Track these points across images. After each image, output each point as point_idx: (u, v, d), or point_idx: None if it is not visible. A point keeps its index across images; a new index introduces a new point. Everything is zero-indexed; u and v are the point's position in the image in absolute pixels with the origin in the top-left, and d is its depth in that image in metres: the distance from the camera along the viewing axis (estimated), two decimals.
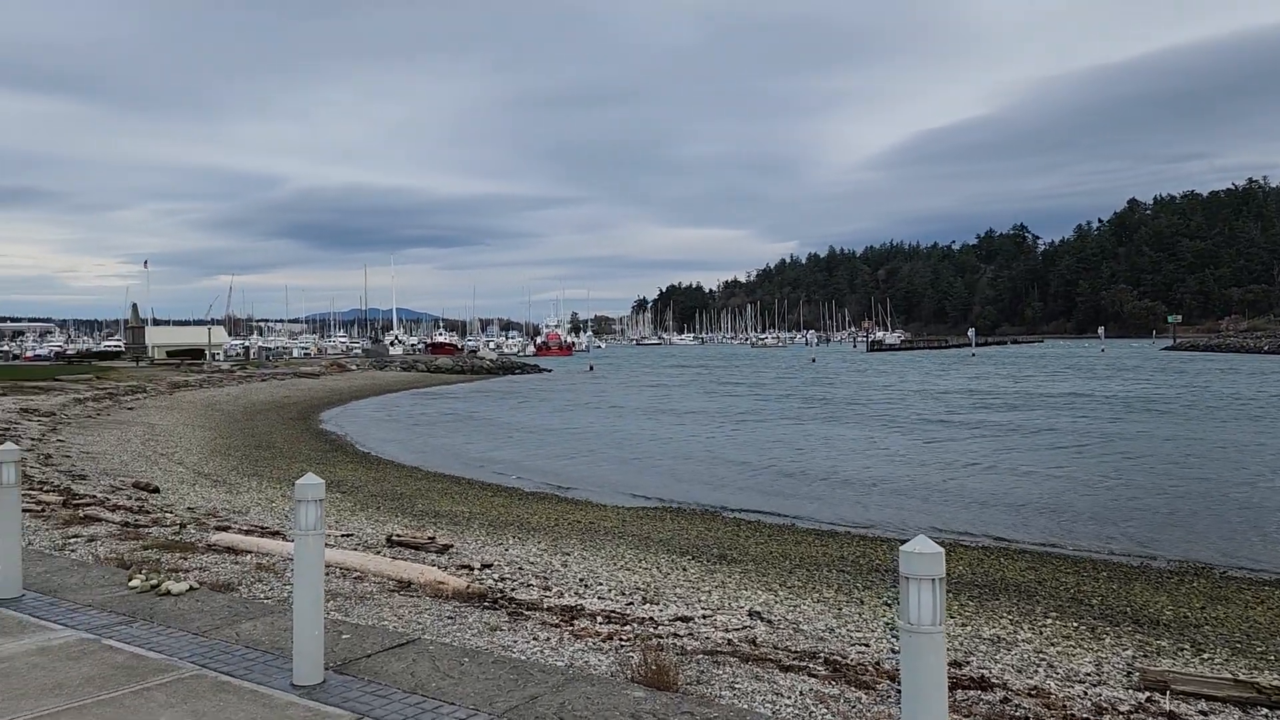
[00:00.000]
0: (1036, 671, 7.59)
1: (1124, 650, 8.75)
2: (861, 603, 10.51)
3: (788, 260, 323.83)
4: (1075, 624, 9.85)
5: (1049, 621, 9.92)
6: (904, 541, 3.35)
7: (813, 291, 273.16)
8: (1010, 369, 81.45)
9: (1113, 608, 10.74)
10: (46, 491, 14.52)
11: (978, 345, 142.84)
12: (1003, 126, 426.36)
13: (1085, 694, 6.88)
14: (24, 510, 8.85)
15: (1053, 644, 8.86)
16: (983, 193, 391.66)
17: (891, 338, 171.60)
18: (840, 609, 10.06)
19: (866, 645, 8.11)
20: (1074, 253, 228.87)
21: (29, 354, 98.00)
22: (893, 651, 7.72)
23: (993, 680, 6.87)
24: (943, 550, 3.21)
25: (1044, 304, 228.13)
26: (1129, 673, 7.72)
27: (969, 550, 14.20)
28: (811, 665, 6.65)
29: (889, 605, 10.30)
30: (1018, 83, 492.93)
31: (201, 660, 5.34)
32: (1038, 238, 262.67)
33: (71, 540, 9.89)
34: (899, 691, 5.97)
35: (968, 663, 7.65)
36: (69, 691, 4.84)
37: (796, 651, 7.36)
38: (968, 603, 10.68)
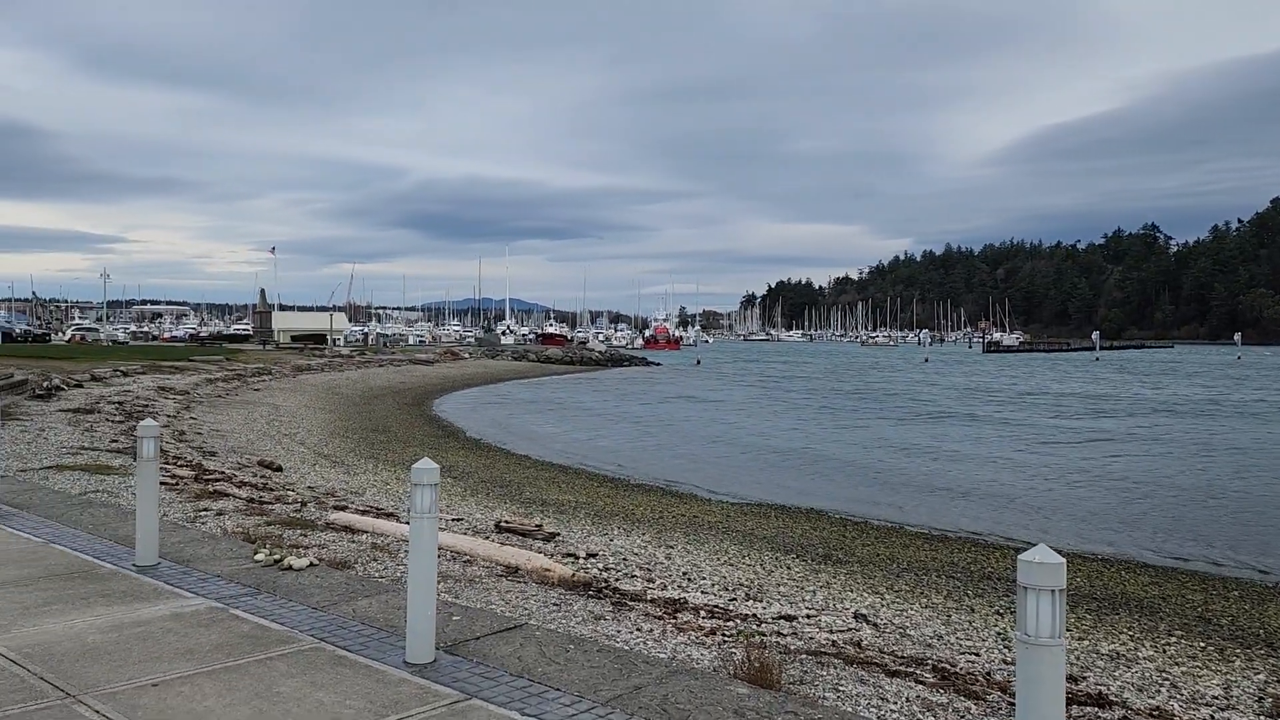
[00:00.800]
0: (1159, 691, 7.27)
1: (1255, 674, 8.29)
2: (972, 610, 10.23)
3: (901, 257, 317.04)
4: (1202, 644, 9.38)
5: (1173, 640, 9.47)
6: (1018, 549, 3.25)
7: (927, 290, 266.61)
8: (1136, 374, 77.99)
9: (1244, 629, 10.18)
10: (180, 466, 15.33)
11: (1102, 349, 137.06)
12: (1135, 121, 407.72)
13: (1211, 718, 6.56)
14: (160, 483, 9.35)
15: (1177, 664, 8.46)
16: (1111, 190, 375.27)
17: (1009, 339, 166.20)
18: (949, 616, 9.82)
19: (976, 654, 7.90)
20: (1210, 254, 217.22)
21: (166, 335, 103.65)
22: (1004, 662, 7.50)
23: (1111, 698, 6.61)
24: (1064, 560, 3.10)
25: (1175, 307, 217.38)
26: (1260, 698, 7.31)
27: (1087, 561, 13.67)
28: (919, 671, 6.51)
29: (1001, 614, 10.00)
30: (1152, 76, 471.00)
31: (320, 634, 5.55)
32: (1170, 238, 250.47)
33: (202, 513, 10.41)
34: (1011, 704, 5.79)
35: (1084, 678, 7.37)
36: (199, 657, 5.11)
37: (903, 657, 7.22)
38: (1085, 616, 10.29)
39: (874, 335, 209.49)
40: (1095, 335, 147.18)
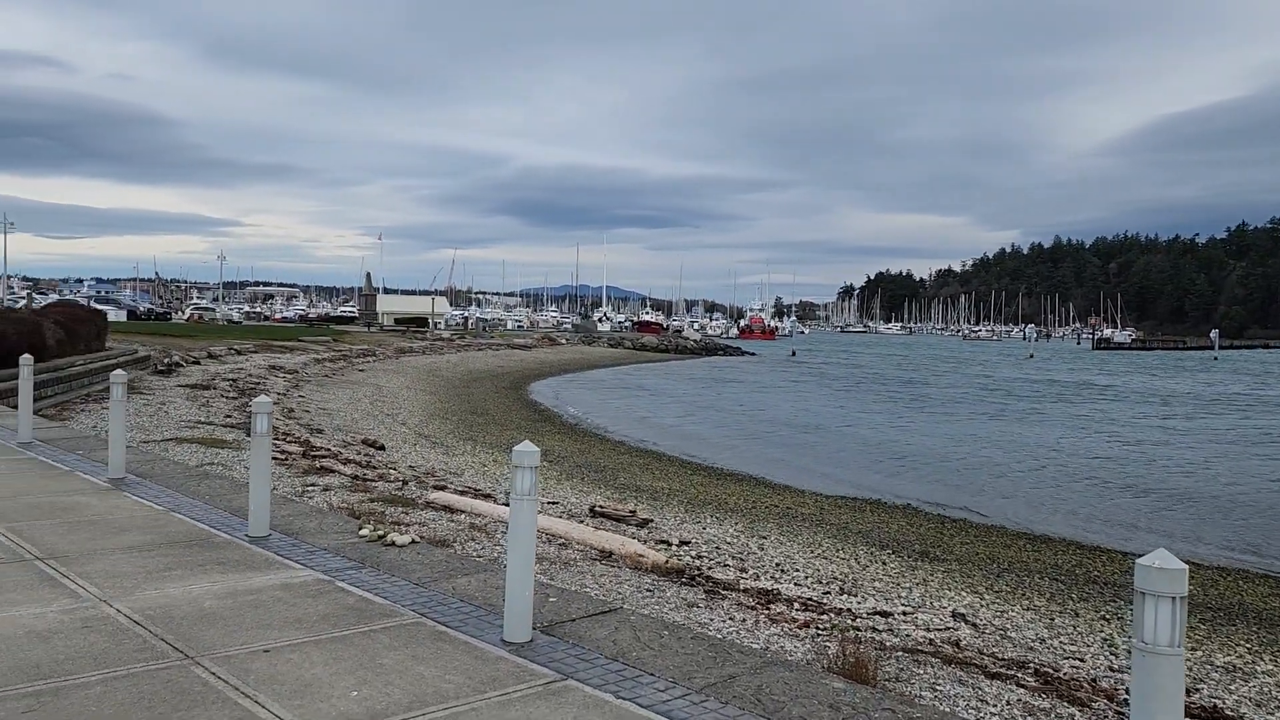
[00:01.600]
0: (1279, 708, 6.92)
1: None
2: (1076, 615, 9.91)
3: (1007, 250, 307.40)
4: None
5: None
6: (1125, 554, 3.13)
7: (1034, 284, 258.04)
8: (1256, 375, 74.18)
9: None
10: (289, 442, 15.89)
11: (1222, 348, 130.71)
12: (1261, 109, 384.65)
13: None
14: (270, 458, 9.70)
15: None
16: (1235, 182, 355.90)
17: (1121, 336, 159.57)
18: (1052, 619, 9.53)
19: (1081, 660, 7.65)
20: None
21: (277, 315, 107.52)
22: (1111, 670, 7.25)
23: (1227, 712, 6.33)
24: (1185, 567, 2.97)
25: None
26: None
27: (1201, 569, 13.08)
28: (1020, 675, 6.34)
29: (1107, 620, 9.66)
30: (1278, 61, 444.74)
31: (421, 609, 5.69)
32: None
33: (309, 488, 10.78)
34: (1119, 713, 5.60)
35: (1197, 690, 7.07)
36: (307, 626, 5.29)
37: (1004, 659, 7.04)
38: (1198, 626, 9.86)
39: (976, 329, 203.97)
40: (1214, 334, 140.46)
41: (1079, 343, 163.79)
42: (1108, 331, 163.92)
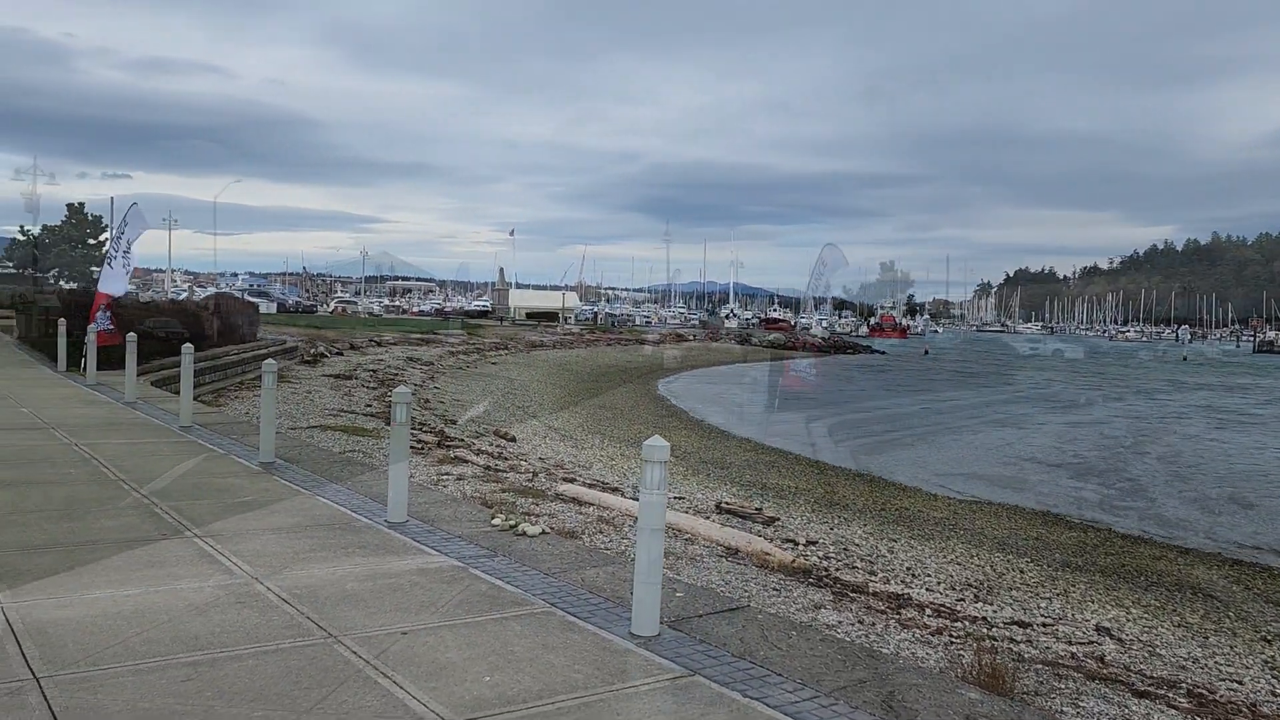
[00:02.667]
0: None
1: None
2: (1234, 634, 9.32)
3: (1160, 247, 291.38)
4: None
5: None
6: None
7: (1189, 283, 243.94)
8: None
9: None
10: (425, 432, 16.42)
11: None
12: None
13: None
14: (409, 447, 10.02)
15: None
16: None
17: None
18: (1206, 637, 8.99)
19: (1239, 682, 7.19)
20: None
21: (414, 309, 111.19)
22: (1273, 694, 6.79)
23: None
24: None
25: None
26: None
27: None
28: (1171, 695, 6.00)
29: (1269, 641, 9.05)
30: None
31: (550, 599, 5.79)
32: None
33: (443, 477, 11.11)
34: None
35: None
36: (442, 611, 5.46)
37: (1152, 677, 6.68)
38: None
39: (1123, 329, 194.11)
40: None
41: (1238, 345, 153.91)
42: (1271, 334, 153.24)
